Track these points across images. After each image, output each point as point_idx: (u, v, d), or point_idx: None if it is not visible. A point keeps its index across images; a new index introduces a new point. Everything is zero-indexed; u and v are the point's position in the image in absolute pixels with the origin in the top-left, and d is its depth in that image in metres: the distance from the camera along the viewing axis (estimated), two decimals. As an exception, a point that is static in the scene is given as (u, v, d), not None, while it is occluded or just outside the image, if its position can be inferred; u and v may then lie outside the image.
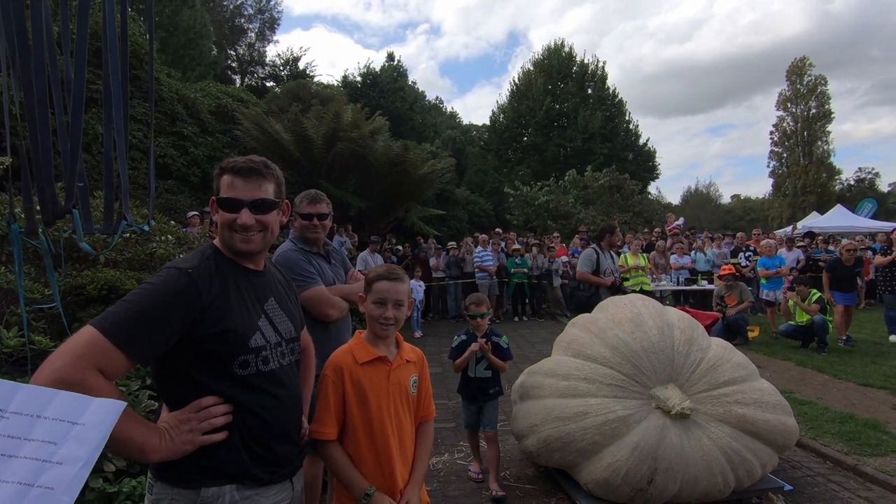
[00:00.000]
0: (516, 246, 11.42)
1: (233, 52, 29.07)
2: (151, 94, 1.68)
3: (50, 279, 1.76)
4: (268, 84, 28.23)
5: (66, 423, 0.96)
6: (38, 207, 1.81)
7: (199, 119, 13.58)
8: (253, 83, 28.14)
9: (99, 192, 2.03)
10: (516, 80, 28.49)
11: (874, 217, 21.27)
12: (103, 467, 2.26)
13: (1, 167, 3.08)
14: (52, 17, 2.80)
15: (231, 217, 1.38)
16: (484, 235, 11.64)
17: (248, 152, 13.29)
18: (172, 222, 5.38)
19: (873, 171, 40.99)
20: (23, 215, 2.62)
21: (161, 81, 12.69)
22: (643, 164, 27.17)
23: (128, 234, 3.58)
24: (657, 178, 29.08)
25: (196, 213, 8.56)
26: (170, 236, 4.45)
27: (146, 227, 2.13)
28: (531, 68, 28.20)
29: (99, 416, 0.98)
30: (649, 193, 26.69)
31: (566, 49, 27.80)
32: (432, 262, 11.13)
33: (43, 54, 1.67)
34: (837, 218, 19.38)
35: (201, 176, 12.83)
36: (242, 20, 29.59)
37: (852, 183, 39.79)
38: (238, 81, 27.66)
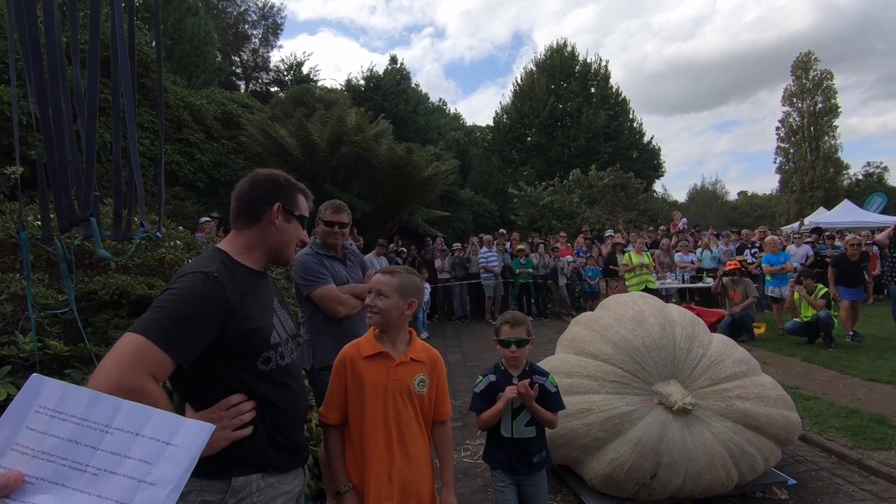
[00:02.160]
0: (521, 246, 11.45)
1: (237, 59, 29.30)
2: (160, 101, 1.75)
3: (65, 285, 1.83)
4: (272, 89, 28.40)
5: (161, 443, 0.98)
6: (52, 215, 1.88)
7: (205, 125, 13.71)
8: (257, 89, 28.34)
9: (109, 199, 2.10)
10: (519, 81, 28.52)
11: (884, 212, 21.07)
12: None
13: (14, 176, 3.17)
14: (62, 27, 2.88)
15: (305, 234, 1.65)
16: (488, 236, 11.68)
17: (253, 158, 13.33)
18: (180, 228, 5.46)
19: (882, 166, 40.57)
20: (37, 223, 2.69)
21: (167, 89, 12.84)
22: (647, 163, 27.09)
23: (139, 241, 3.66)
24: (662, 175, 28.99)
25: (208, 218, 8.65)
26: (178, 241, 4.53)
27: (159, 234, 2.20)
28: (533, 69, 28.21)
29: (189, 437, 0.99)
30: (654, 191, 26.60)
31: (568, 49, 27.81)
32: (437, 263, 11.18)
33: (57, 64, 1.73)
34: (845, 213, 19.24)
35: (207, 182, 12.95)
36: (246, 26, 29.83)
37: (860, 178, 39.43)
38: (242, 87, 27.87)
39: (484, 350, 7.95)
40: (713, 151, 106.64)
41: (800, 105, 37.94)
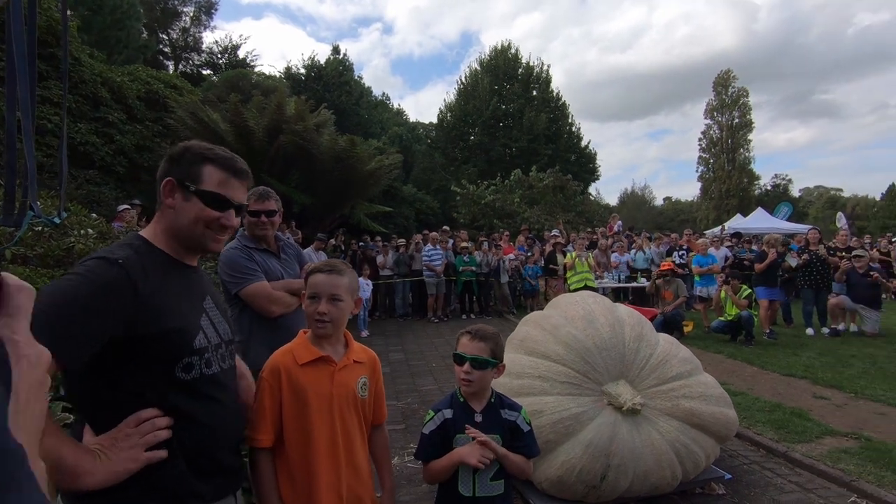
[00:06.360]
0: (465, 243, 11.42)
1: (165, 37, 27.33)
2: (65, 66, 1.45)
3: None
4: (204, 72, 26.79)
5: None
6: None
7: (127, 105, 12.59)
8: (188, 70, 26.61)
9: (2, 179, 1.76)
10: (464, 80, 28.63)
11: (789, 219, 23.18)
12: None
13: None
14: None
15: (216, 215, 1.30)
16: (434, 234, 11.55)
17: (181, 142, 12.64)
18: (94, 215, 4.90)
19: (787, 178, 44.91)
20: None
21: (82, 62, 11.65)
22: (584, 166, 28.09)
23: (39, 228, 3.19)
24: (597, 179, 30.21)
25: (128, 206, 7.87)
26: (90, 230, 4.04)
27: (57, 220, 1.86)
28: (478, 68, 28.42)
29: None
30: (590, 194, 27.64)
31: (512, 51, 28.26)
32: (379, 259, 10.92)
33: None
34: (758, 220, 20.94)
35: (128, 166, 11.91)
36: (176, 3, 27.88)
37: (769, 188, 43.30)
38: (171, 68, 26.02)
39: (427, 349, 7.82)
40: (646, 157, 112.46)
41: (719, 119, 40.97)
